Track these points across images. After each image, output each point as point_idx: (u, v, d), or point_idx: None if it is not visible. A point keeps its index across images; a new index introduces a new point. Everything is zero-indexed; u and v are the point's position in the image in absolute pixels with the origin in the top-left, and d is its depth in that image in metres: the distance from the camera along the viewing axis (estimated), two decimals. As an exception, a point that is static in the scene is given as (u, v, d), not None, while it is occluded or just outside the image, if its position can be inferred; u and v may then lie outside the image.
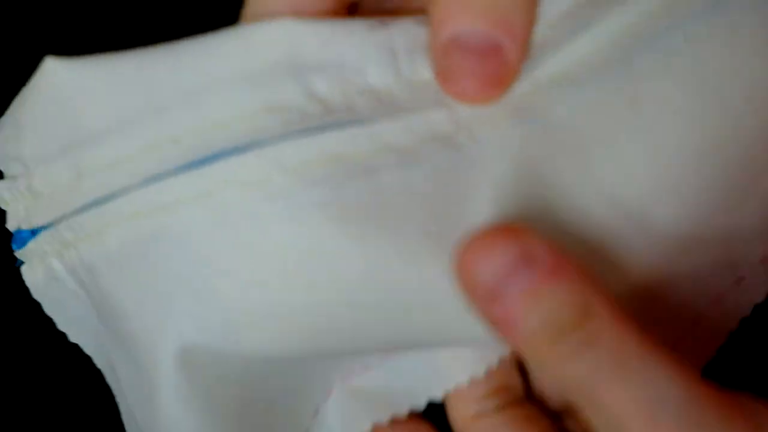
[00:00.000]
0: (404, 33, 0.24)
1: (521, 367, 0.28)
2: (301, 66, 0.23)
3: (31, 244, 0.26)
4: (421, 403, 0.27)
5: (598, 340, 0.20)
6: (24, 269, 0.27)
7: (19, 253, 0.27)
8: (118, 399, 0.27)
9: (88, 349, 0.27)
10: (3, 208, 0.27)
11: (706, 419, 0.20)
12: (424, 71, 0.24)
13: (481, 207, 0.23)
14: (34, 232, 0.26)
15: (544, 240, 0.21)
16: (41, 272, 0.26)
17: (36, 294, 0.27)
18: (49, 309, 0.27)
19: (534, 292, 0.21)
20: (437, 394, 0.27)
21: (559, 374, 0.21)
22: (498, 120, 0.24)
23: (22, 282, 0.27)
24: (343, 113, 0.23)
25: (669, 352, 0.20)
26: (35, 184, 0.26)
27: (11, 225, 0.26)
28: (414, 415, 0.27)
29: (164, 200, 0.24)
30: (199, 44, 0.24)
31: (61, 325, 0.27)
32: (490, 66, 0.22)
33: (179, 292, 0.24)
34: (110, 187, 0.24)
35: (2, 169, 0.26)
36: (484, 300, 0.21)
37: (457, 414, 0.27)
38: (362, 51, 0.24)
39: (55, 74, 0.25)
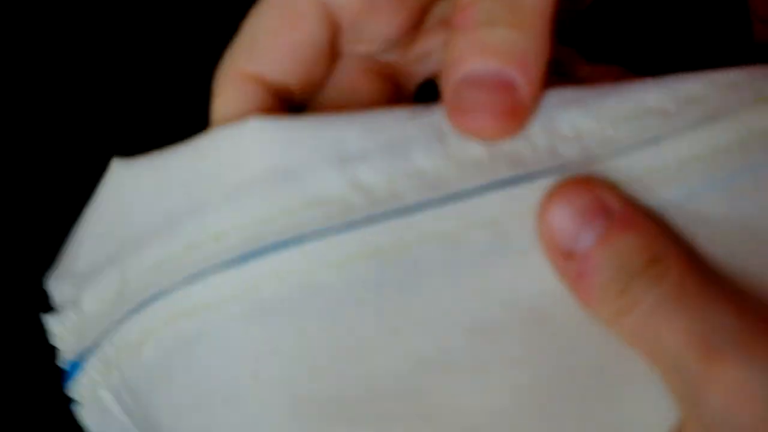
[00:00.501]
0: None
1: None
2: (344, 156, 0.23)
3: (81, 378, 0.25)
4: None
5: (663, 280, 0.22)
6: (82, 412, 0.26)
7: (73, 393, 0.26)
8: None
9: None
10: (56, 345, 0.25)
11: (759, 347, 0.21)
12: (474, 150, 0.23)
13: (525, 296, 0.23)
14: (81, 360, 0.25)
15: (617, 190, 0.23)
16: (95, 409, 0.25)
17: None
18: None
19: (607, 240, 0.22)
20: None
21: (627, 324, 0.22)
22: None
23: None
24: (388, 201, 0.23)
25: (732, 291, 0.22)
26: (84, 303, 0.25)
27: (63, 362, 0.25)
28: None
29: (205, 299, 0.23)
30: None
31: None
32: (503, 100, 0.23)
33: (218, 399, 0.23)
34: (151, 291, 0.23)
35: (56, 295, 0.25)
36: (560, 254, 0.22)
37: None
38: (407, 134, 0.23)
39: (116, 178, 0.24)
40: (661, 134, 0.24)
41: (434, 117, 0.24)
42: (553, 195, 0.23)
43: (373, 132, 0.23)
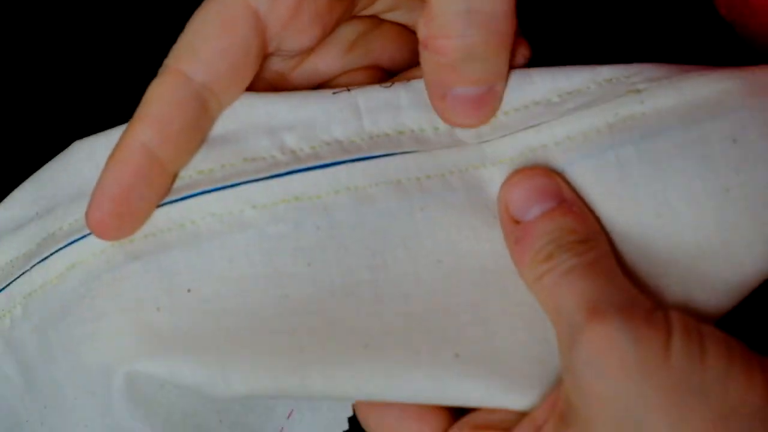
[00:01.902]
0: (366, 95, 0.29)
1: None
2: (274, 126, 0.29)
3: None
4: None
5: (582, 256, 0.27)
6: None
7: None
8: None
9: None
10: None
11: (633, 315, 0.25)
12: (385, 126, 0.29)
13: (427, 247, 0.29)
14: None
15: (570, 186, 0.28)
16: None
17: None
18: None
19: (549, 216, 0.27)
20: None
21: (543, 284, 0.27)
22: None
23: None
24: (310, 160, 0.29)
25: (629, 283, 0.27)
26: None
27: None
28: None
29: (149, 228, 0.28)
30: None
31: None
32: (485, 104, 0.29)
33: (152, 308, 0.28)
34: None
35: None
36: (510, 219, 0.28)
37: None
38: (328, 111, 0.29)
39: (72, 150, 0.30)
40: (544, 120, 0.29)
41: (354, 95, 0.29)
42: (520, 171, 0.28)
43: (300, 108, 0.29)
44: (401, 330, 0.28)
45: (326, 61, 0.31)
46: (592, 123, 0.28)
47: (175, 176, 0.29)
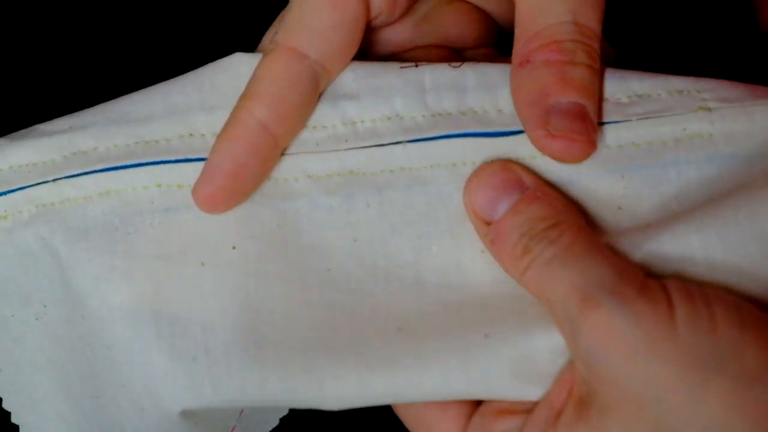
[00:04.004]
0: (434, 73, 0.29)
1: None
2: (339, 94, 0.29)
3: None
4: None
5: (557, 242, 0.26)
6: None
7: None
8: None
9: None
10: None
11: (625, 296, 0.24)
12: (448, 105, 0.29)
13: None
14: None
15: (530, 170, 0.27)
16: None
17: None
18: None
19: (516, 209, 0.27)
20: None
21: (529, 277, 0.26)
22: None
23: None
24: (368, 135, 0.29)
25: (612, 254, 0.26)
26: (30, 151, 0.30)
27: None
28: None
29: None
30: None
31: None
32: (584, 127, 0.27)
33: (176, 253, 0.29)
34: (135, 161, 0.29)
35: None
36: (482, 222, 0.27)
37: None
38: (392, 84, 0.29)
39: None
40: (611, 120, 0.28)
41: (421, 71, 0.29)
42: (478, 170, 0.28)
43: (364, 78, 0.29)
44: (436, 316, 0.28)
45: (398, 33, 0.31)
46: (659, 134, 0.28)
47: (282, 152, 0.29)
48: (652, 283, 0.25)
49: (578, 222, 0.27)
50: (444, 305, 0.28)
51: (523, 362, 0.26)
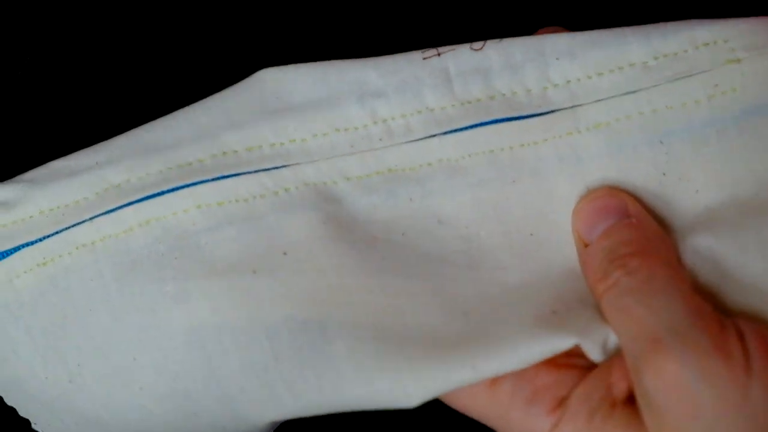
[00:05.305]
0: (457, 59, 0.29)
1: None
2: (366, 92, 0.29)
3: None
4: None
5: (636, 273, 0.25)
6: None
7: None
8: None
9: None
10: None
11: (696, 344, 0.23)
12: (476, 91, 0.29)
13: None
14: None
15: (635, 198, 0.27)
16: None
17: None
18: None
19: (608, 232, 0.27)
20: None
21: (605, 303, 0.26)
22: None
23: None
24: (402, 132, 0.29)
25: (691, 293, 0.25)
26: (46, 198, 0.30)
27: None
28: None
29: (241, 194, 0.29)
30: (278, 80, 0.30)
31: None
32: None
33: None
34: (174, 184, 0.29)
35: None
36: (581, 243, 0.27)
37: None
38: (418, 76, 0.29)
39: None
40: (641, 86, 0.28)
41: (444, 59, 0.29)
42: (584, 197, 0.28)
43: (390, 74, 0.29)
44: (497, 297, 0.28)
45: None
46: (692, 94, 0.28)
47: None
48: (729, 331, 0.24)
49: (664, 253, 0.26)
50: (501, 286, 0.28)
51: (591, 331, 0.26)
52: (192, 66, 0.37)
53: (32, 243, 0.29)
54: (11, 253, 0.29)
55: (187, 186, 0.29)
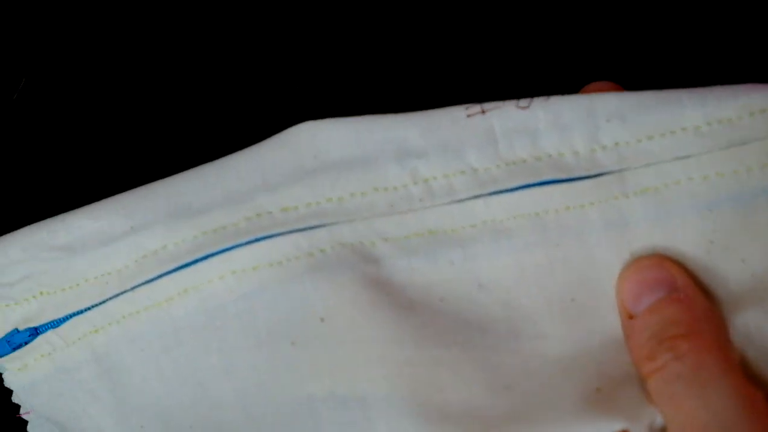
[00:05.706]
0: (502, 118, 0.28)
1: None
2: (405, 151, 0.28)
3: (35, 345, 0.29)
4: None
5: (684, 358, 0.24)
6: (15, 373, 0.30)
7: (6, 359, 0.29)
8: None
9: None
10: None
11: None
12: (522, 152, 0.27)
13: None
14: (37, 331, 0.29)
15: (684, 270, 0.26)
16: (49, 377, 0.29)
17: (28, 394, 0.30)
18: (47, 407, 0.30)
19: (655, 308, 0.26)
20: None
21: (651, 385, 0.25)
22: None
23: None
24: (444, 192, 0.28)
25: (742, 381, 0.24)
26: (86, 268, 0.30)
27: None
28: None
29: (275, 257, 0.28)
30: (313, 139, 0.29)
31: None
32: None
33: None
34: (207, 251, 0.28)
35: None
36: (626, 314, 0.26)
37: None
38: (461, 136, 0.28)
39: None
40: (692, 152, 0.27)
41: (489, 117, 0.28)
42: (630, 265, 0.27)
43: (431, 132, 0.28)
44: (539, 370, 0.27)
45: None
46: (744, 162, 0.27)
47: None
48: None
49: (714, 334, 0.25)
50: (542, 358, 0.27)
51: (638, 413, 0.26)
52: (196, 78, 0.37)
53: (82, 312, 0.29)
54: (63, 321, 0.29)
55: (221, 252, 0.28)
